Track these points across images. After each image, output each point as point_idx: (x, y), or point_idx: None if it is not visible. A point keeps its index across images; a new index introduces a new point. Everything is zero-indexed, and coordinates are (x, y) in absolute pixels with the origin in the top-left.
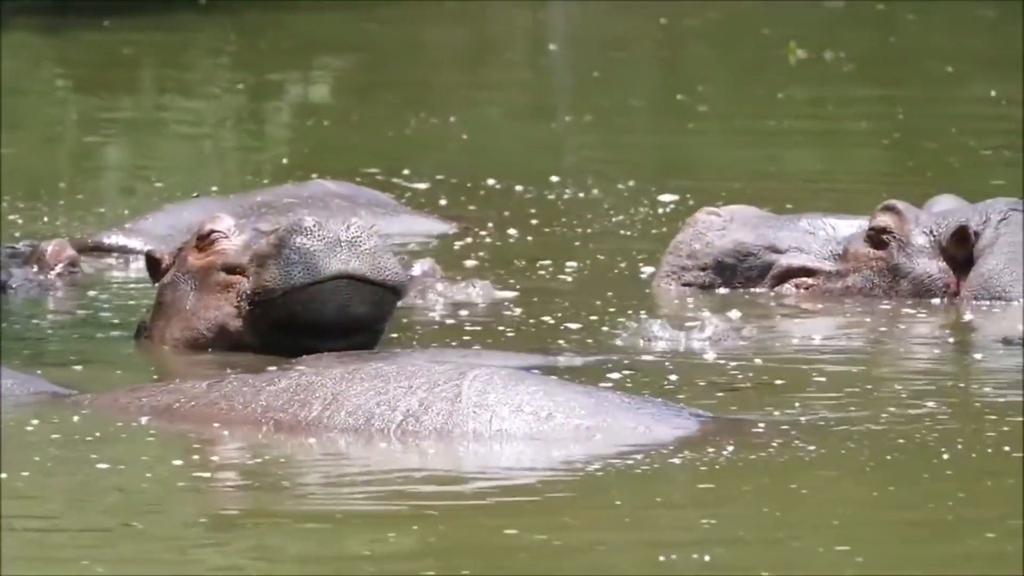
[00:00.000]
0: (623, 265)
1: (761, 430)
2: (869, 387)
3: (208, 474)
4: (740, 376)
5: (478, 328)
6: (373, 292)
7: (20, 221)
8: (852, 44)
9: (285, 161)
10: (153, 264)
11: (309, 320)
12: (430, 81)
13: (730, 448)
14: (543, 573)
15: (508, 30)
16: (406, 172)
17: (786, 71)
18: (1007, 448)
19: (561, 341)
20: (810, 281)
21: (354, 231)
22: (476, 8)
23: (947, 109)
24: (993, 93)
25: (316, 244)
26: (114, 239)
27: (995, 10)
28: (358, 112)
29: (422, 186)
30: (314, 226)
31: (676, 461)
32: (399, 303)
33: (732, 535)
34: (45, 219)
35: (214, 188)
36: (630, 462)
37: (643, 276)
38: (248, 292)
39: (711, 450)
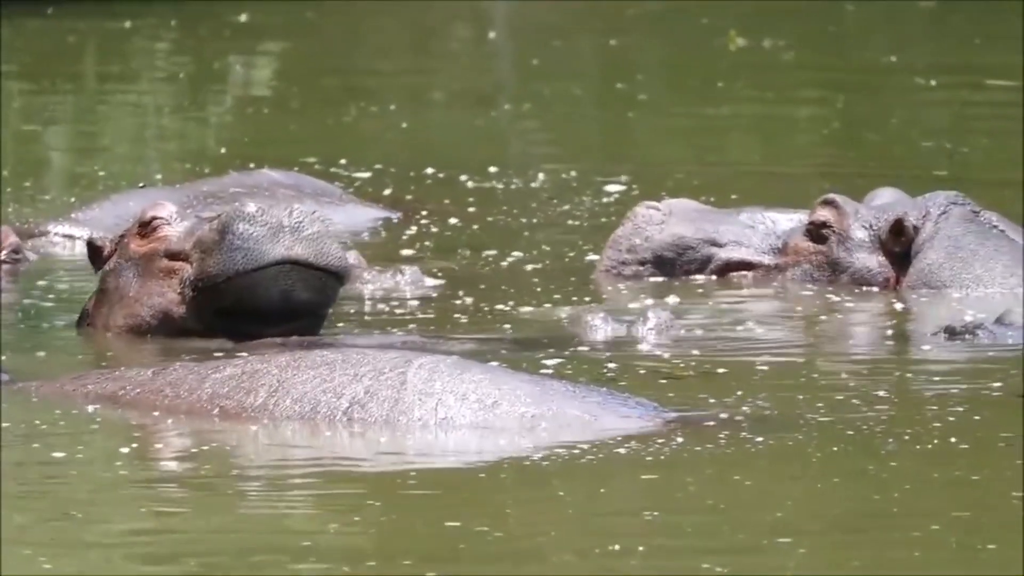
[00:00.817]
0: (568, 254)
1: (706, 421)
2: (813, 377)
3: (152, 462)
4: (682, 365)
5: (413, 316)
6: (316, 277)
7: None
8: (791, 33)
9: (224, 150)
10: (95, 252)
11: (253, 306)
12: (370, 69)
13: (675, 439)
14: (484, 563)
15: (448, 18)
16: (343, 161)
17: (726, 60)
18: (953, 439)
19: (507, 325)
20: (749, 275)
21: (297, 217)
22: None
23: (887, 99)
24: (933, 83)
25: (259, 230)
26: (60, 228)
27: (934, 0)
28: (298, 101)
29: (364, 175)
30: (257, 212)
31: (621, 451)
32: (341, 288)
33: (674, 526)
34: None
35: (158, 176)
36: (575, 451)
37: (586, 266)
38: (191, 278)
39: (656, 440)
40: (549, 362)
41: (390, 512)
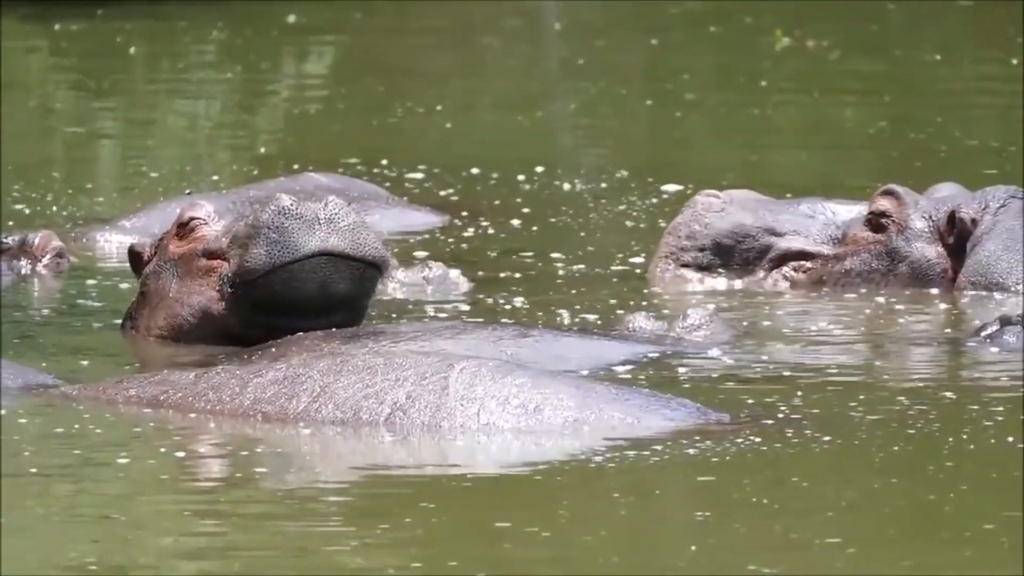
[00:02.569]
0: (619, 256)
1: (752, 421)
2: (869, 378)
3: (194, 467)
4: (736, 368)
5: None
6: (354, 268)
7: (10, 213)
8: (834, 33)
9: (269, 152)
10: (135, 257)
11: (291, 299)
12: (417, 69)
13: (722, 440)
14: (535, 563)
15: (493, 18)
16: (384, 161)
17: (771, 59)
18: (1011, 439)
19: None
20: (808, 264)
21: (332, 208)
22: None
23: (932, 98)
24: (976, 83)
25: (294, 223)
26: (106, 234)
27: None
28: (345, 102)
29: (413, 176)
30: (292, 205)
31: (667, 452)
32: (380, 280)
33: (724, 526)
34: (32, 211)
35: (211, 179)
36: (620, 454)
37: (634, 268)
38: (229, 275)
39: (702, 441)
40: (598, 365)
41: (437, 514)
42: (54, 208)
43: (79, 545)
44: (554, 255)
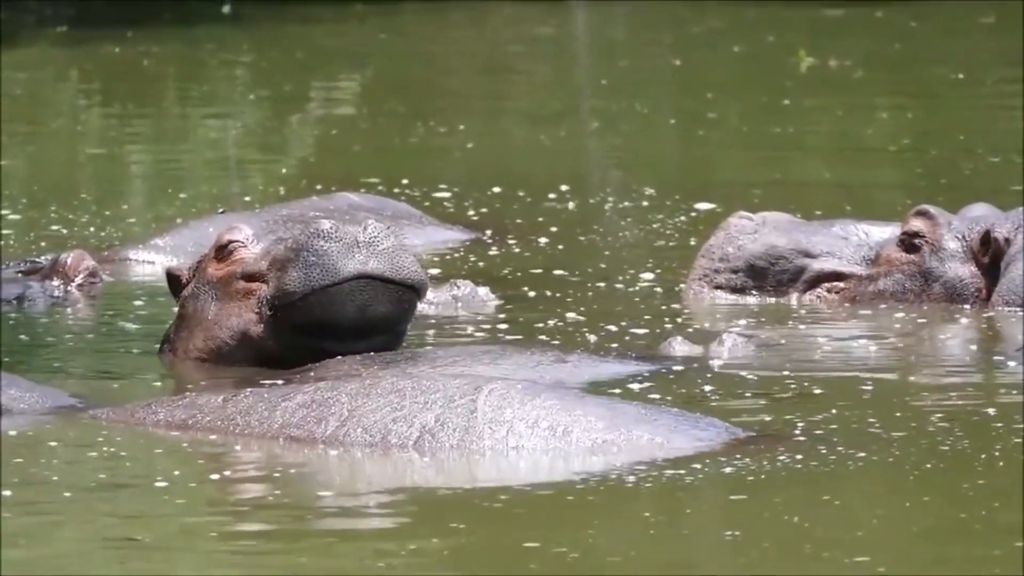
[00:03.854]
0: (651, 275)
1: (784, 441)
2: (903, 396)
3: (224, 491)
4: (768, 387)
5: (493, 333)
6: (393, 291)
7: (44, 235)
8: (857, 51)
9: (285, 171)
10: (173, 281)
11: (330, 322)
12: (441, 89)
13: (753, 459)
14: None
15: (515, 39)
16: (405, 181)
17: (794, 78)
18: None
19: (592, 338)
20: (841, 285)
21: (371, 232)
22: (485, 17)
23: (956, 114)
24: (999, 100)
25: (334, 246)
26: (139, 254)
27: (993, 15)
28: (369, 122)
29: (443, 195)
30: (331, 228)
31: (696, 472)
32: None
33: (754, 545)
34: (63, 231)
35: (245, 199)
36: (650, 474)
37: (667, 288)
38: (268, 297)
39: (731, 460)
40: (630, 385)
41: (466, 534)
42: (88, 229)
43: (107, 567)
44: (584, 274)
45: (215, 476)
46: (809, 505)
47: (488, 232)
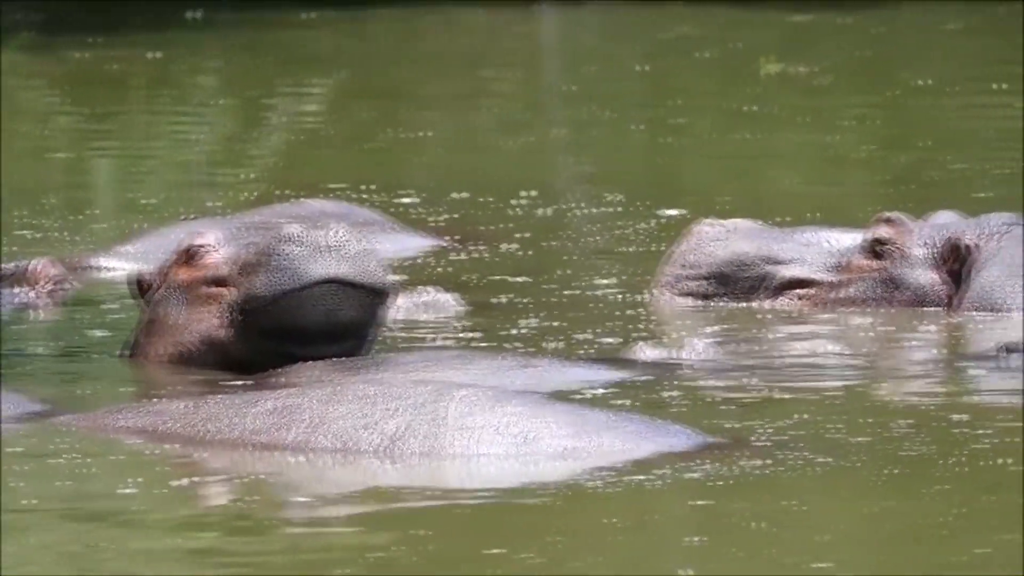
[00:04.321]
0: (618, 281)
1: (751, 447)
2: (868, 401)
3: (188, 497)
4: (734, 392)
5: (459, 341)
6: (360, 296)
7: (11, 239)
8: (823, 59)
9: (252, 176)
10: (140, 285)
11: (297, 327)
12: (408, 94)
13: (719, 465)
14: None
15: (485, 44)
16: (372, 187)
17: (762, 84)
18: (1009, 461)
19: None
20: (809, 292)
21: (338, 236)
22: (454, 22)
23: (922, 123)
24: (965, 108)
25: (301, 250)
26: (106, 261)
27: (959, 23)
28: (336, 128)
29: (405, 201)
30: (298, 233)
31: (663, 478)
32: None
33: (719, 551)
34: (30, 237)
35: (209, 204)
36: (616, 480)
37: (633, 294)
38: (235, 302)
39: (697, 467)
40: (597, 391)
41: (430, 541)
42: (55, 235)
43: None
44: (551, 280)
45: (181, 482)
46: (774, 511)
47: (454, 238)
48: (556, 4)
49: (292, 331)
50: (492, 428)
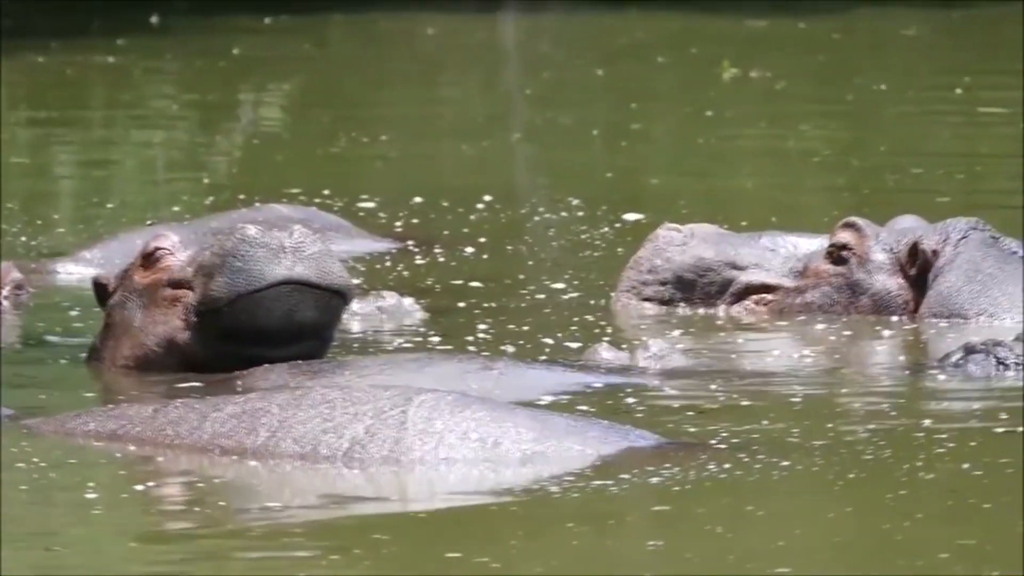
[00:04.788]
0: (578, 285)
1: (711, 451)
2: (828, 406)
3: (150, 502)
4: (694, 397)
5: (418, 344)
6: (319, 297)
7: None
8: (781, 63)
9: (207, 181)
10: (100, 289)
11: (257, 328)
12: (365, 100)
13: (680, 470)
14: None
15: (444, 49)
16: (326, 192)
17: (719, 89)
18: (966, 466)
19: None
20: (769, 297)
21: (297, 237)
22: (412, 27)
23: (878, 126)
24: (922, 111)
25: (260, 251)
26: (67, 267)
27: (915, 28)
28: (292, 132)
29: (364, 206)
30: (257, 234)
31: (623, 483)
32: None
33: (679, 556)
34: None
35: (174, 209)
36: (577, 485)
37: (595, 298)
38: (195, 304)
39: (660, 472)
40: (558, 396)
41: (388, 545)
42: (14, 240)
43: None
44: (510, 284)
45: (143, 486)
46: (733, 515)
47: (413, 242)
48: (514, 11)
49: (251, 332)
50: (455, 433)
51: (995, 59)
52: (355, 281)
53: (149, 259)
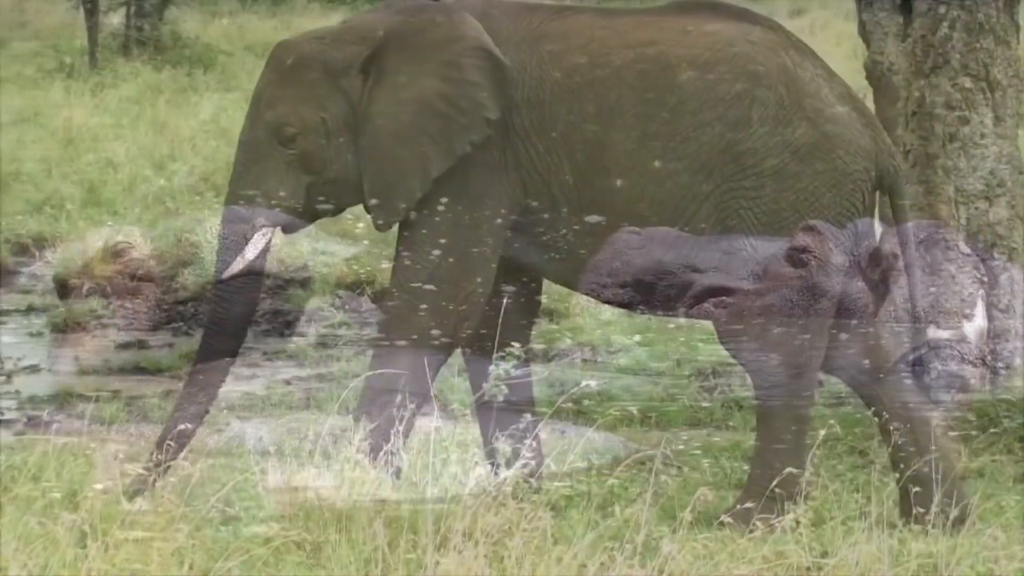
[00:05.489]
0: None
1: (665, 455)
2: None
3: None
4: (653, 400)
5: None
6: (278, 286)
7: None
8: None
9: (167, 183)
10: (62, 285)
11: (219, 319)
12: None
13: (636, 472)
14: None
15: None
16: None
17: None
18: (926, 466)
19: None
20: (728, 300)
21: (255, 231)
22: None
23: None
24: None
25: (221, 244)
26: (31, 268)
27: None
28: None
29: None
30: (220, 228)
31: (578, 488)
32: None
33: (633, 563)
34: None
35: (135, 211)
36: (536, 489)
37: (555, 302)
38: (158, 297)
39: (615, 476)
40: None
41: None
42: None
43: None
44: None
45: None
46: (687, 520)
47: (373, 243)
48: None
49: (213, 324)
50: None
51: None
52: (313, 276)
53: (112, 254)
